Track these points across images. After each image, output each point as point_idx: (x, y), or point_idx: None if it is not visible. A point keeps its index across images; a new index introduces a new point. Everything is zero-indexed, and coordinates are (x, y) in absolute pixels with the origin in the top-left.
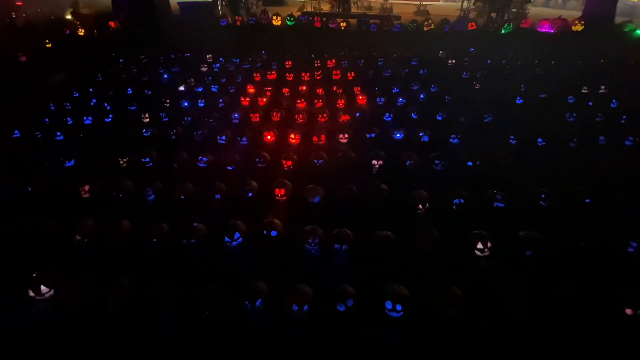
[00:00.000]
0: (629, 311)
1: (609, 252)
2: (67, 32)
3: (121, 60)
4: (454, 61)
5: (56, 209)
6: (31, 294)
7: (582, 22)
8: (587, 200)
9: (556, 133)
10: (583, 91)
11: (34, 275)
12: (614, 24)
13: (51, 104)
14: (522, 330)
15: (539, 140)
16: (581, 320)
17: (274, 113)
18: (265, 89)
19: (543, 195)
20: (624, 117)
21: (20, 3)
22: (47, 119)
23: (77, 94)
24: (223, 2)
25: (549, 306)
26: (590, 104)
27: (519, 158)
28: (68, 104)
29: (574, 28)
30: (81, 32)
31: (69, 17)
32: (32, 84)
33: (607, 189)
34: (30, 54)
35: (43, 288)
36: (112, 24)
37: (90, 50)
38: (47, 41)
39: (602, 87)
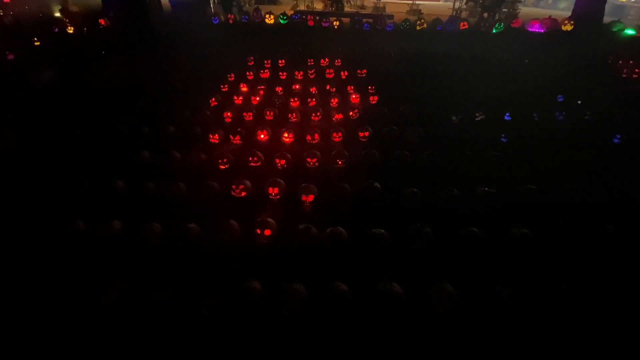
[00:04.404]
0: None
1: (597, 247)
2: (56, 30)
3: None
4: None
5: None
6: None
7: (572, 22)
8: (576, 197)
9: (546, 131)
10: (572, 90)
11: None
12: (603, 24)
13: None
14: (514, 326)
15: (529, 138)
16: (571, 314)
17: (267, 112)
18: (258, 87)
19: (532, 193)
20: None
21: (8, 0)
22: None
23: None
24: (215, 0)
25: (539, 301)
26: (579, 102)
27: (510, 156)
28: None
29: (563, 28)
30: (70, 30)
31: (57, 14)
32: (20, 82)
33: (595, 186)
34: (18, 52)
35: None
36: (102, 21)
37: (79, 49)
38: (36, 39)
39: (591, 86)
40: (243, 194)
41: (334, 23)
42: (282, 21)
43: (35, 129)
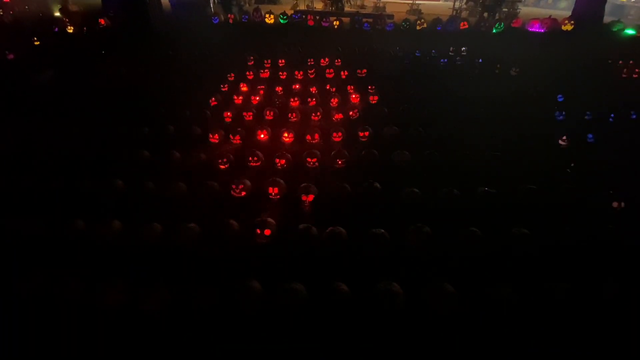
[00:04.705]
0: None
1: (597, 246)
2: (56, 29)
3: None
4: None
5: None
6: None
7: (572, 22)
8: (576, 197)
9: (546, 131)
10: (572, 90)
11: None
12: (603, 24)
13: None
14: (513, 326)
15: (529, 138)
16: (571, 315)
17: (267, 111)
18: (258, 87)
19: (533, 192)
20: (612, 115)
21: (8, 0)
22: None
23: None
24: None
25: (538, 301)
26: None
27: (510, 156)
28: None
29: (563, 28)
30: (70, 29)
31: (57, 14)
32: (20, 82)
33: (595, 186)
34: (18, 51)
35: None
36: (101, 21)
37: (79, 48)
38: (36, 39)
39: (590, 85)
40: (243, 193)
41: (334, 23)
42: (282, 21)
43: (35, 128)
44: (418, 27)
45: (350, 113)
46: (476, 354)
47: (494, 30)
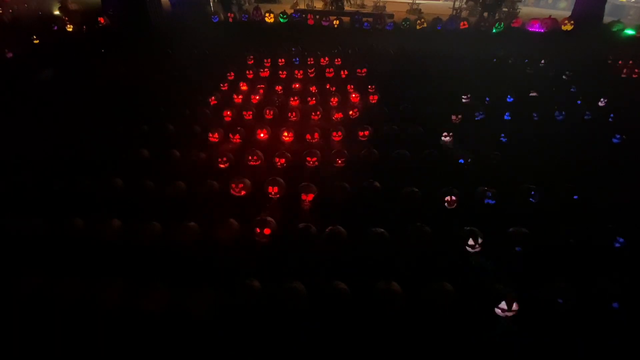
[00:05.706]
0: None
1: (596, 247)
2: (55, 28)
3: None
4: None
5: None
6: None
7: (572, 22)
8: (575, 197)
9: (546, 131)
10: (572, 90)
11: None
12: (603, 24)
13: None
14: (512, 325)
15: (529, 137)
16: (569, 315)
17: (267, 111)
18: (258, 86)
19: (532, 192)
20: (612, 115)
21: None
22: None
23: None
24: None
25: (538, 301)
26: (579, 102)
27: (510, 155)
28: None
29: (563, 28)
30: (69, 28)
31: (57, 12)
32: (19, 80)
33: (594, 186)
34: (17, 50)
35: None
36: (101, 20)
37: (78, 47)
38: (35, 37)
39: (591, 86)
40: (242, 192)
41: (334, 22)
42: (282, 20)
43: (34, 127)
44: (418, 27)
45: (350, 112)
46: (476, 354)
47: (494, 30)
